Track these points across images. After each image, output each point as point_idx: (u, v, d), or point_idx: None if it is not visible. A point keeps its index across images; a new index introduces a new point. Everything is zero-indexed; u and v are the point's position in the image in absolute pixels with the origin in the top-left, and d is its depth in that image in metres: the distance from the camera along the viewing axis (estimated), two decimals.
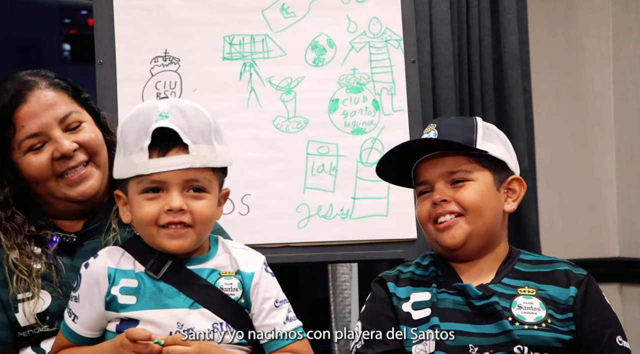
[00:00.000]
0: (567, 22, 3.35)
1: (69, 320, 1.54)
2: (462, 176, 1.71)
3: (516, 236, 2.96)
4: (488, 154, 1.71)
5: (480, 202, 1.70)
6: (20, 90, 1.72)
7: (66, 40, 3.49)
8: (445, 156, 1.72)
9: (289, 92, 2.54)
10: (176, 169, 1.46)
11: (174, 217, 1.47)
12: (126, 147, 1.48)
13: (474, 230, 1.70)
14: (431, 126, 1.76)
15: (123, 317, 1.49)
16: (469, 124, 1.76)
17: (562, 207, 3.34)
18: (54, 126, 1.73)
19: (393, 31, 2.60)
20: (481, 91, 2.96)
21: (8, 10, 3.24)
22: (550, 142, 3.29)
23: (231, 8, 2.54)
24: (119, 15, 2.46)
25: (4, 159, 1.73)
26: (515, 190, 1.77)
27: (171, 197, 1.47)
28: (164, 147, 1.47)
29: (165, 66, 2.50)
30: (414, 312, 1.69)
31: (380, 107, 2.57)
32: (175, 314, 1.49)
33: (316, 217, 2.48)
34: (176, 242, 1.49)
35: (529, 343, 1.59)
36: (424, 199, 1.75)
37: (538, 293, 1.67)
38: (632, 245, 3.30)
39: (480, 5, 2.96)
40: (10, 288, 1.68)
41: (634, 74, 3.28)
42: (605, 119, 3.35)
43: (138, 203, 1.49)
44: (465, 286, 1.68)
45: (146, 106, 1.52)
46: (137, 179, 1.48)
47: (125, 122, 1.50)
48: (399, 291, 1.74)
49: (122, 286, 1.49)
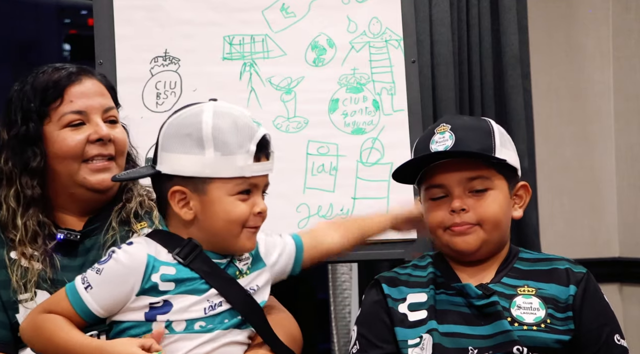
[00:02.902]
0: (567, 22, 3.36)
1: (80, 287, 1.51)
2: (482, 183, 1.67)
3: (516, 236, 2.96)
4: (506, 162, 1.68)
5: (499, 215, 1.68)
6: (79, 72, 1.80)
7: (66, 40, 3.49)
8: (463, 161, 1.67)
9: (289, 92, 2.54)
10: (265, 174, 1.56)
11: (260, 221, 1.57)
12: (222, 148, 1.50)
13: (489, 239, 1.68)
14: (445, 126, 1.70)
15: (160, 300, 1.51)
16: (485, 128, 1.71)
17: (562, 207, 3.34)
18: (98, 111, 1.78)
19: (393, 31, 2.60)
20: (481, 91, 2.96)
21: (8, 10, 3.24)
22: (550, 142, 3.29)
23: (231, 8, 2.54)
24: (119, 15, 2.46)
25: (37, 128, 1.75)
26: (522, 196, 1.76)
27: (260, 201, 1.56)
28: (262, 153, 1.54)
29: (165, 66, 2.50)
30: (410, 313, 1.68)
31: (380, 107, 2.57)
32: (204, 298, 1.53)
33: (316, 218, 2.48)
34: (253, 241, 1.58)
35: (528, 343, 1.58)
36: (439, 204, 1.69)
37: (538, 292, 1.66)
38: (632, 245, 3.30)
39: (480, 5, 2.96)
40: (11, 288, 1.69)
41: (634, 74, 3.28)
42: (605, 119, 3.36)
43: (232, 203, 1.53)
44: (465, 285, 1.67)
45: (229, 109, 1.56)
46: (234, 181, 1.52)
47: (218, 123, 1.51)
48: (394, 292, 1.72)
49: (162, 273, 1.52)
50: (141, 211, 1.83)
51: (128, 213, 1.81)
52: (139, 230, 1.80)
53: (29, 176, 1.74)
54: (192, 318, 1.52)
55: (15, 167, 1.75)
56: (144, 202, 1.85)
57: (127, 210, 1.81)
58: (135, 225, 1.80)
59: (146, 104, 2.45)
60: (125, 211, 1.81)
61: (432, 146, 1.68)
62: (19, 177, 1.74)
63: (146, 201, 1.86)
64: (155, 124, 2.49)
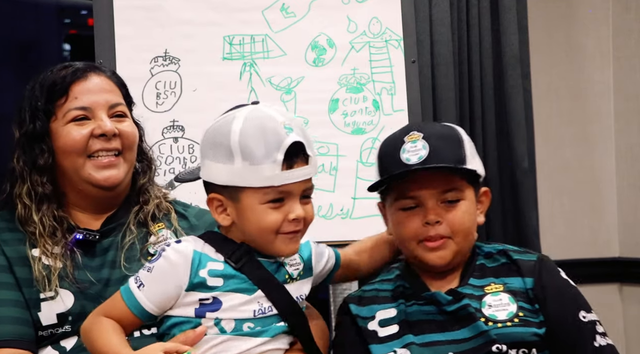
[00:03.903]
0: (567, 22, 3.35)
1: (134, 286, 1.54)
2: (454, 195, 1.65)
3: (516, 236, 2.96)
4: (475, 172, 1.67)
5: (470, 225, 1.68)
6: (85, 69, 1.81)
7: (66, 40, 3.48)
8: (438, 173, 1.64)
9: (289, 92, 2.54)
10: (301, 181, 1.54)
11: (295, 226, 1.55)
12: (250, 158, 1.50)
13: (460, 249, 1.68)
14: (417, 134, 1.66)
15: (209, 297, 1.53)
16: (456, 137, 1.69)
17: (562, 207, 3.33)
18: (103, 107, 1.79)
19: (393, 31, 2.61)
20: (481, 91, 2.96)
21: (8, 10, 3.24)
22: (550, 142, 3.29)
23: (231, 8, 2.54)
24: (119, 15, 2.46)
25: (44, 126, 1.77)
26: (483, 202, 1.75)
27: (295, 207, 1.54)
28: (293, 160, 1.52)
29: (165, 66, 2.50)
30: (381, 329, 1.66)
31: (380, 107, 2.57)
32: (253, 299, 1.55)
33: (316, 217, 2.47)
34: (293, 246, 1.58)
35: (506, 340, 1.57)
36: (411, 216, 1.67)
37: (506, 287, 1.65)
38: (632, 245, 3.30)
39: (480, 5, 2.96)
40: (33, 286, 1.70)
41: (634, 74, 3.28)
42: (605, 119, 3.35)
43: (263, 211, 1.53)
44: (435, 293, 1.65)
45: (261, 116, 1.53)
46: (263, 190, 1.51)
47: (245, 132, 1.50)
48: (362, 311, 1.70)
49: (209, 268, 1.54)
50: (159, 214, 1.85)
51: (146, 215, 1.82)
52: (156, 231, 1.81)
53: (38, 173, 1.76)
54: (241, 318, 1.54)
55: (25, 165, 1.77)
56: (161, 204, 1.86)
57: (145, 212, 1.83)
58: (153, 226, 1.82)
59: (146, 104, 2.45)
60: (143, 213, 1.83)
61: (404, 155, 1.64)
62: (29, 174, 1.76)
63: (163, 203, 1.87)
64: (155, 124, 2.51)
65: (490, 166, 2.96)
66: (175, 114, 2.50)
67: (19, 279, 1.70)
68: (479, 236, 1.76)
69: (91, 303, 1.70)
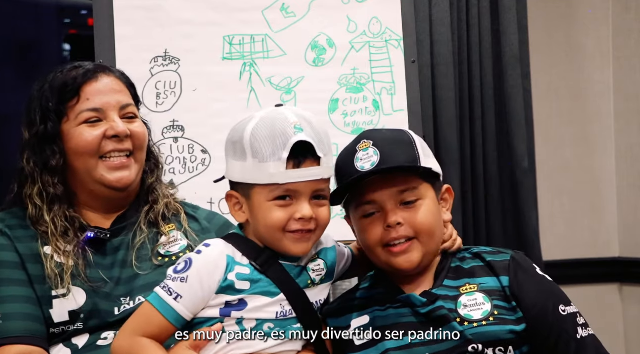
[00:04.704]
0: (567, 22, 3.36)
1: (169, 299, 1.54)
2: (412, 194, 1.66)
3: (516, 236, 2.96)
4: (431, 170, 1.68)
5: (433, 223, 1.67)
6: (96, 70, 1.82)
7: (66, 40, 3.48)
8: (393, 175, 1.65)
9: (289, 92, 2.54)
10: (310, 180, 1.54)
11: (302, 225, 1.56)
12: (258, 155, 1.53)
13: (428, 250, 1.68)
14: (367, 143, 1.67)
15: (236, 299, 1.55)
16: (406, 139, 1.70)
17: (562, 207, 3.34)
18: (114, 108, 1.80)
19: (393, 31, 2.61)
20: (481, 91, 2.97)
21: (8, 10, 3.24)
22: (550, 142, 3.29)
23: (231, 8, 2.54)
24: (119, 15, 2.46)
25: (55, 127, 1.77)
26: (447, 199, 1.76)
27: (303, 206, 1.55)
28: (301, 159, 1.54)
29: (165, 66, 2.50)
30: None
31: (380, 107, 2.57)
32: (276, 301, 1.57)
33: None
34: (301, 246, 1.58)
35: (482, 339, 1.57)
36: (372, 222, 1.68)
37: (480, 287, 1.65)
38: (632, 245, 3.30)
39: (480, 5, 2.96)
40: (46, 283, 1.70)
41: (634, 74, 3.28)
42: (605, 119, 3.35)
43: (269, 209, 1.55)
44: (409, 296, 1.65)
45: (275, 116, 1.56)
46: (269, 187, 1.54)
47: (256, 131, 1.54)
48: (340, 321, 1.71)
49: (237, 272, 1.56)
50: (168, 214, 1.85)
51: (156, 215, 1.83)
52: (167, 232, 1.82)
53: (50, 174, 1.76)
54: (263, 318, 1.56)
55: (36, 166, 1.77)
56: (170, 204, 1.87)
57: (155, 212, 1.83)
58: (164, 227, 1.83)
59: (146, 104, 2.45)
60: (154, 213, 1.83)
61: (358, 164, 1.66)
62: (40, 175, 1.76)
63: (172, 203, 1.88)
64: (155, 124, 2.50)
65: (490, 166, 2.96)
66: (175, 114, 2.50)
67: (31, 276, 1.71)
68: (477, 237, 1.76)
69: (103, 301, 1.71)
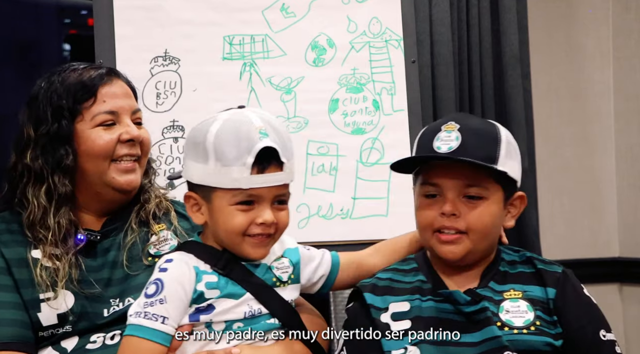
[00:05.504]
0: (567, 22, 3.35)
1: (156, 324, 1.52)
2: (477, 191, 1.63)
3: (516, 236, 2.96)
4: (506, 174, 1.63)
5: (489, 225, 1.64)
6: (110, 73, 1.83)
7: (66, 40, 3.48)
8: (464, 166, 1.61)
9: (289, 92, 2.54)
10: (273, 186, 1.55)
11: (263, 230, 1.56)
12: (222, 159, 1.52)
13: (475, 248, 1.65)
14: (453, 125, 1.64)
15: (205, 305, 1.55)
16: (493, 134, 1.65)
17: (562, 207, 3.34)
18: (128, 112, 1.81)
19: (393, 31, 2.61)
20: (481, 91, 2.96)
21: (8, 10, 3.24)
22: (550, 142, 3.29)
23: (231, 8, 2.54)
24: (119, 15, 2.46)
25: (70, 126, 1.76)
26: (516, 206, 1.72)
27: (265, 211, 1.56)
28: (265, 164, 1.54)
29: (165, 66, 2.50)
30: (393, 323, 1.63)
31: (380, 107, 2.57)
32: (243, 302, 1.58)
33: (316, 217, 2.48)
34: (260, 251, 1.59)
35: (518, 347, 1.55)
36: (431, 204, 1.66)
37: (525, 295, 1.63)
38: (632, 245, 3.30)
39: (480, 5, 2.96)
40: (34, 287, 1.69)
41: (634, 74, 3.28)
42: (605, 119, 3.35)
43: (230, 213, 1.55)
44: (453, 292, 1.63)
45: (240, 119, 1.55)
46: (231, 191, 1.54)
47: (221, 134, 1.53)
48: (376, 300, 1.67)
49: (206, 281, 1.56)
50: (159, 213, 1.85)
51: (147, 214, 1.83)
52: (158, 232, 1.82)
53: (62, 174, 1.74)
54: (232, 319, 1.57)
55: (46, 164, 1.74)
56: (161, 203, 1.87)
57: (146, 211, 1.83)
58: (154, 227, 1.82)
59: (146, 104, 2.45)
60: (144, 212, 1.83)
61: (436, 143, 1.64)
62: (50, 175, 1.74)
63: (163, 202, 1.88)
64: (155, 124, 2.50)
65: None
66: (175, 114, 2.50)
67: (17, 281, 1.70)
68: None
69: (92, 303, 1.71)
